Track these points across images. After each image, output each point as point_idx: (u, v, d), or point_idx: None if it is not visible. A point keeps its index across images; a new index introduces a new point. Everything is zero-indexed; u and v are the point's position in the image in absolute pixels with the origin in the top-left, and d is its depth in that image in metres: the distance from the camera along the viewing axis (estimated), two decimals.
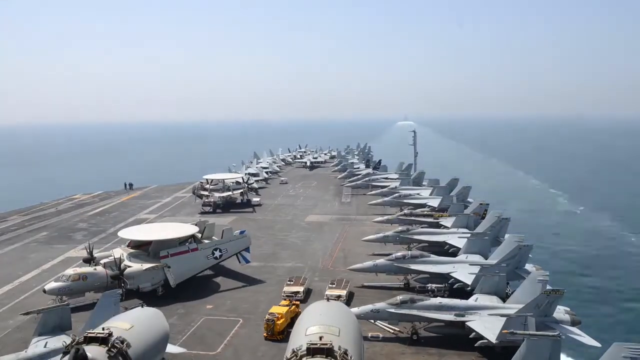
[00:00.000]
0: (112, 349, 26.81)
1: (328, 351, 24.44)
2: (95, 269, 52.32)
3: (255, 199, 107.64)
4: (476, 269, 49.65)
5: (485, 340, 38.46)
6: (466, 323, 40.85)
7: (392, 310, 41.77)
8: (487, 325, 39.53)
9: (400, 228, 68.63)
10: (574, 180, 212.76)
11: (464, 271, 52.14)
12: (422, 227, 72.15)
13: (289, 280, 54.48)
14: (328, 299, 35.02)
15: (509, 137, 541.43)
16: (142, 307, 36.19)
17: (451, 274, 52.33)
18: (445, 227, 72.15)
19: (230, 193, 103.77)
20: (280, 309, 44.76)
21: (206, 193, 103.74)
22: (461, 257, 57.00)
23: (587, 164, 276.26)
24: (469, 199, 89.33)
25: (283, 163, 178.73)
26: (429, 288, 51.43)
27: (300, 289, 51.86)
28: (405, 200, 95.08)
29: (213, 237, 61.76)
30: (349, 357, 24.84)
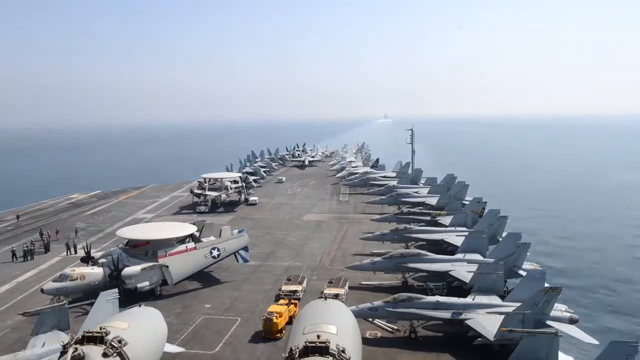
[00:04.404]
0: (109, 349, 26.78)
1: (325, 350, 24.49)
2: (93, 269, 52.32)
3: (253, 198, 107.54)
4: (474, 267, 49.74)
5: (483, 339, 38.59)
6: (464, 321, 40.96)
7: (390, 309, 41.80)
8: (485, 323, 39.58)
9: (398, 226, 68.70)
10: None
11: (462, 269, 52.22)
12: (420, 226, 72.33)
13: (287, 279, 54.59)
14: (325, 298, 35.04)
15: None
16: (140, 306, 36.18)
17: (449, 272, 52.39)
18: (443, 225, 72.30)
19: (224, 192, 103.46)
20: (278, 308, 44.78)
21: (202, 192, 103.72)
22: (459, 255, 57.06)
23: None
24: (466, 198, 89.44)
25: (280, 162, 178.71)
26: (427, 286, 51.59)
27: (299, 287, 51.96)
28: (403, 199, 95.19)
29: (211, 237, 61.77)
30: (347, 356, 24.88)
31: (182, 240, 58.23)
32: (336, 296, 47.50)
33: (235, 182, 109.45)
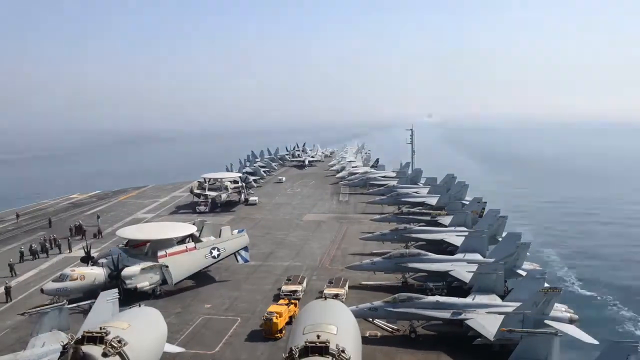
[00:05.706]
0: (109, 349, 26.77)
1: (325, 350, 24.50)
2: (93, 269, 52.35)
3: (253, 198, 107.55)
4: (474, 267, 49.77)
5: (483, 339, 38.59)
6: (464, 321, 40.97)
7: (390, 309, 41.84)
8: (485, 323, 39.61)
9: (398, 226, 68.73)
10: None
11: (462, 269, 52.25)
12: (420, 226, 72.34)
13: (287, 279, 54.59)
14: (325, 298, 35.08)
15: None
16: (140, 306, 36.20)
17: (449, 272, 52.41)
18: (443, 225, 72.31)
19: (224, 192, 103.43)
20: (278, 308, 44.80)
21: (202, 192, 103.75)
22: (459, 255, 57.11)
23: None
24: (466, 198, 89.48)
25: (280, 162, 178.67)
26: (427, 286, 51.59)
27: (299, 287, 51.96)
28: (403, 199, 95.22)
29: (211, 237, 61.80)
30: (347, 356, 24.89)
31: (182, 240, 58.27)
32: (336, 296, 47.51)
33: (235, 182, 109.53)
